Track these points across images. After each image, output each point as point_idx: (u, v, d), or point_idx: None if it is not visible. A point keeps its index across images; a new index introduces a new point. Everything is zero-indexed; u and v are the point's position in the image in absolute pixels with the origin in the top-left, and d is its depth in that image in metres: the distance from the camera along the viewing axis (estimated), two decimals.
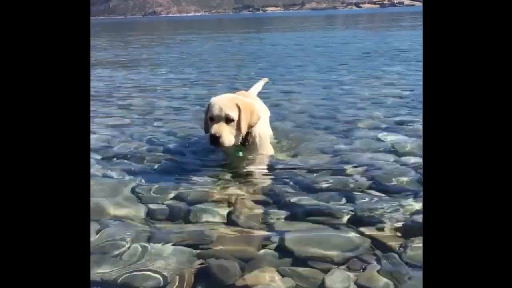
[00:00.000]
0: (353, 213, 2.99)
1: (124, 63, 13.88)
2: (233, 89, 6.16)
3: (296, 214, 3.05)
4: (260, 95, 5.14)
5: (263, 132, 4.16)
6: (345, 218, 2.94)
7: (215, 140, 3.71)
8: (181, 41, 24.27)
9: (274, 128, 4.81)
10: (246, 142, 4.03)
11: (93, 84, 8.83)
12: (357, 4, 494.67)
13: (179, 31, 40.46)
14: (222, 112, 3.74)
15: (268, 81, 5.55)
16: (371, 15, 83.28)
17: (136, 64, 13.34)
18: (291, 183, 3.59)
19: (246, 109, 3.83)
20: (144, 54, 17.00)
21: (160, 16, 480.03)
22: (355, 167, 3.87)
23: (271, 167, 3.97)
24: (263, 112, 4.52)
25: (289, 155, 4.27)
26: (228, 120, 3.75)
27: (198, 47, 19.42)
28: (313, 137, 4.83)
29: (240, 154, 4.06)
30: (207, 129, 3.91)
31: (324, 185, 3.51)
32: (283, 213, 3.06)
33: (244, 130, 3.82)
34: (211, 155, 4.29)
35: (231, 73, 10.49)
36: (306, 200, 3.24)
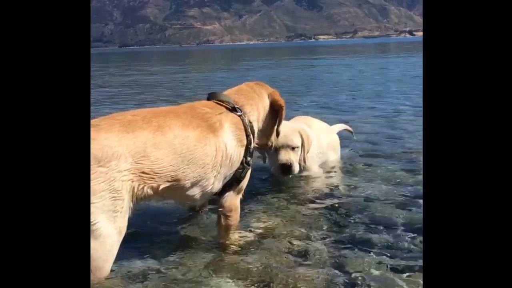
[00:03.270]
0: None
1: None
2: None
3: None
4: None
5: (310, 154, 4.18)
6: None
7: (287, 168, 3.83)
8: (261, 66, 24.62)
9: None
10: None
11: None
12: (410, 32, 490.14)
13: (245, 57, 41.14)
14: (289, 141, 3.83)
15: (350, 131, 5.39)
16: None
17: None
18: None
19: (306, 136, 3.96)
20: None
21: (214, 44, 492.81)
22: None
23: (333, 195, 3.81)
24: (335, 140, 4.71)
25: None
26: (293, 148, 3.86)
27: (281, 73, 19.61)
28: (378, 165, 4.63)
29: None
30: (266, 157, 4.03)
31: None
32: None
33: (306, 156, 3.97)
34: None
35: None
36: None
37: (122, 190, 2.25)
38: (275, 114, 3.17)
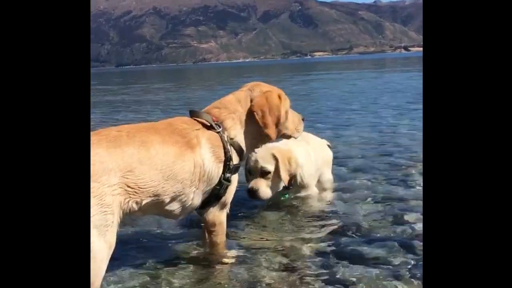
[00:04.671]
0: None
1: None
2: None
3: None
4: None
5: (307, 173, 4.16)
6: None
7: (253, 194, 3.80)
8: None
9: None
10: (290, 185, 4.06)
11: None
12: (406, 48, 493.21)
13: (243, 75, 41.23)
14: (258, 165, 3.79)
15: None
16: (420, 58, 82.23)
17: None
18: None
19: (283, 158, 3.84)
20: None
21: (210, 62, 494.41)
22: None
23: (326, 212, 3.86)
24: (329, 155, 4.62)
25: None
26: (264, 173, 3.81)
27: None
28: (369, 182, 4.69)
29: (286, 196, 4.15)
30: (247, 180, 3.97)
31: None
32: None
33: (285, 179, 3.84)
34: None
35: None
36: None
37: (112, 204, 2.30)
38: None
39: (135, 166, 2.41)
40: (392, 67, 41.19)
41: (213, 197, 2.85)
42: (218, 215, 2.95)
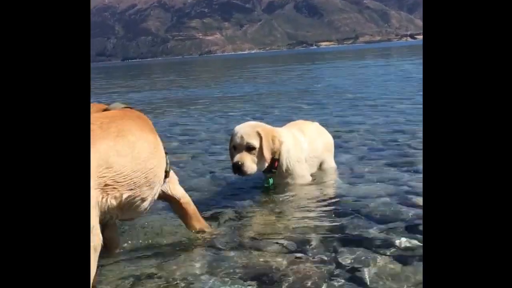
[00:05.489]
0: None
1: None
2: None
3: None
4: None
5: (293, 158, 4.16)
6: None
7: (238, 168, 3.83)
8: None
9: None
10: (274, 169, 4.08)
11: None
12: (412, 36, 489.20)
13: (258, 64, 41.20)
14: (244, 141, 3.85)
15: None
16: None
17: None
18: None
19: (267, 135, 3.91)
20: (263, 89, 16.98)
21: (216, 54, 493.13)
22: None
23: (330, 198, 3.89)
24: (329, 141, 4.60)
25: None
26: (249, 148, 3.85)
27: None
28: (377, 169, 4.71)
29: (271, 182, 4.15)
30: (231, 157, 4.00)
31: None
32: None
33: (267, 156, 3.90)
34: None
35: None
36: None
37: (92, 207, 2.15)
38: None
39: (112, 160, 2.25)
40: (399, 55, 40.91)
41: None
42: (178, 187, 3.02)
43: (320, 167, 4.59)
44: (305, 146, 4.29)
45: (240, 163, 3.82)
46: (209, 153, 6.03)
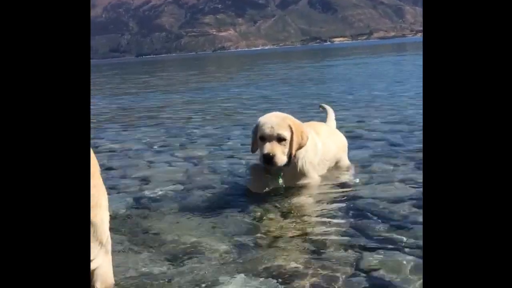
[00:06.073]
0: None
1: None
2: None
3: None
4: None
5: (308, 160, 4.07)
6: None
7: (269, 159, 3.71)
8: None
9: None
10: (289, 163, 3.94)
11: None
12: None
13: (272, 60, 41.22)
14: (274, 132, 3.74)
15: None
16: None
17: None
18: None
19: (297, 129, 3.82)
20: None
21: (229, 50, 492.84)
22: None
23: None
24: (342, 142, 4.53)
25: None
26: (280, 139, 3.75)
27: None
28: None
29: (280, 180, 4.02)
30: (255, 148, 3.91)
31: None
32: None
33: (294, 150, 3.82)
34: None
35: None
36: None
37: None
38: None
39: None
40: (415, 50, 40.54)
41: None
42: None
43: (335, 165, 4.57)
44: (319, 147, 4.24)
45: (271, 154, 3.72)
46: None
